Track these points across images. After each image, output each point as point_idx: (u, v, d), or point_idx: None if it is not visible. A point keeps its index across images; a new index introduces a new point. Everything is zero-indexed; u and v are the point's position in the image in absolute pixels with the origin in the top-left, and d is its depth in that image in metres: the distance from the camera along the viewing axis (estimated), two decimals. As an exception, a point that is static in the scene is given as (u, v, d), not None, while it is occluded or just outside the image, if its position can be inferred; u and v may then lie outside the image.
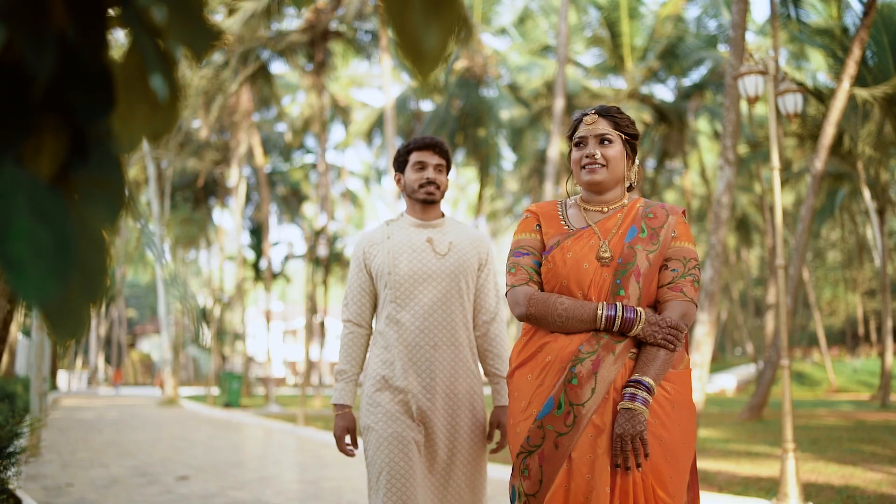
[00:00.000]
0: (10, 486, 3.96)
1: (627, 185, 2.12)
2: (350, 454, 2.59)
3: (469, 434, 2.52)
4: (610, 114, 2.07)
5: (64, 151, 0.59)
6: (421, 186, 2.61)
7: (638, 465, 1.81)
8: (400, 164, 2.69)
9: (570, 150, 2.11)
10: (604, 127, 2.05)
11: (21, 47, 0.53)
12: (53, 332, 0.53)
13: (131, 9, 0.60)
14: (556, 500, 1.84)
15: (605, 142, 2.04)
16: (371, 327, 2.67)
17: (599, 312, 1.90)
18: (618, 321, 1.89)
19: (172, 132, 0.63)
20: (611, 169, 2.04)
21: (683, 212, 2.08)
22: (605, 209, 2.07)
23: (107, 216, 0.59)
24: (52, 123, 0.59)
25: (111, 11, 0.60)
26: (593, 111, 2.08)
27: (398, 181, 2.71)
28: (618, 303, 1.92)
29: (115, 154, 0.62)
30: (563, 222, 2.08)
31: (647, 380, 1.85)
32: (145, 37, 0.61)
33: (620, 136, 2.06)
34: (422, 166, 2.63)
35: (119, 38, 0.63)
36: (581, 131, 2.07)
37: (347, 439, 2.60)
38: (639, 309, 1.91)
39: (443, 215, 2.70)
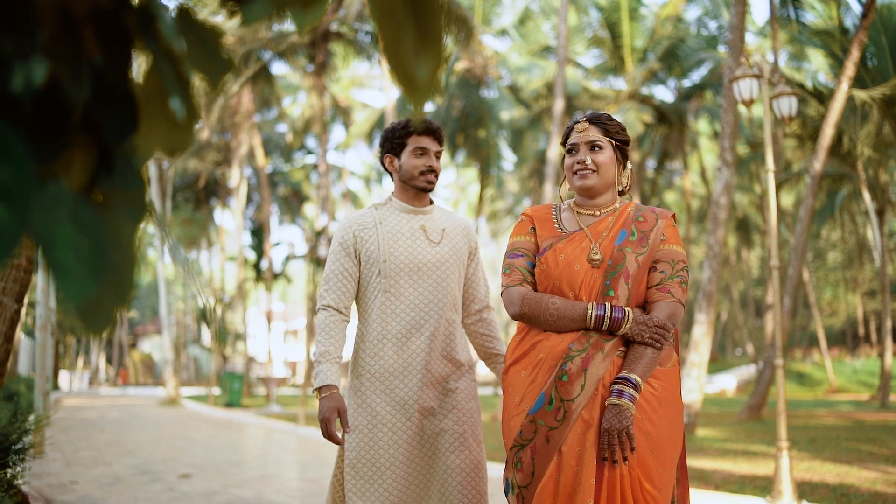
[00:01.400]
0: (18, 483, 4.02)
1: (619, 189, 2.19)
2: (338, 442, 2.36)
3: (468, 423, 2.45)
4: (600, 121, 2.14)
5: (92, 166, 0.65)
6: (422, 174, 2.51)
7: (625, 459, 1.88)
8: (395, 146, 2.54)
9: (564, 157, 2.18)
10: (594, 134, 2.12)
11: (60, 76, 0.59)
12: (85, 329, 0.59)
13: (154, 39, 0.66)
14: (546, 491, 1.91)
15: (596, 148, 2.12)
16: (349, 315, 2.52)
17: (589, 312, 1.98)
18: (606, 320, 1.97)
19: (188, 148, 0.69)
20: (601, 174, 2.11)
21: (673, 216, 2.16)
22: (597, 213, 2.14)
23: (130, 224, 0.66)
24: (82, 141, 0.65)
25: (136, 41, 0.66)
26: (584, 118, 2.15)
27: (390, 163, 2.56)
28: (607, 303, 2.00)
29: (137, 168, 0.69)
30: (556, 225, 2.15)
31: (635, 377, 1.93)
32: (166, 64, 0.67)
33: (611, 143, 2.13)
34: (423, 152, 2.51)
35: (141, 63, 0.69)
36: (573, 138, 2.15)
37: (337, 423, 2.35)
38: (627, 309, 1.99)
39: (431, 202, 2.61)
